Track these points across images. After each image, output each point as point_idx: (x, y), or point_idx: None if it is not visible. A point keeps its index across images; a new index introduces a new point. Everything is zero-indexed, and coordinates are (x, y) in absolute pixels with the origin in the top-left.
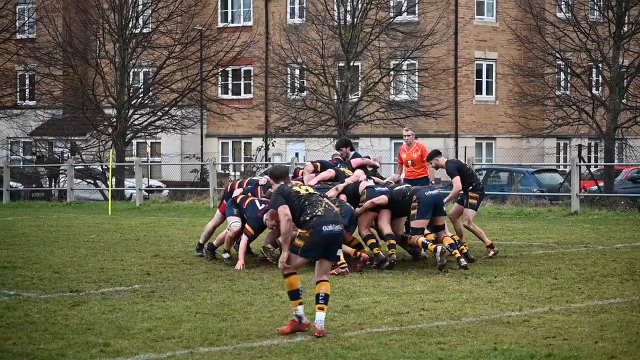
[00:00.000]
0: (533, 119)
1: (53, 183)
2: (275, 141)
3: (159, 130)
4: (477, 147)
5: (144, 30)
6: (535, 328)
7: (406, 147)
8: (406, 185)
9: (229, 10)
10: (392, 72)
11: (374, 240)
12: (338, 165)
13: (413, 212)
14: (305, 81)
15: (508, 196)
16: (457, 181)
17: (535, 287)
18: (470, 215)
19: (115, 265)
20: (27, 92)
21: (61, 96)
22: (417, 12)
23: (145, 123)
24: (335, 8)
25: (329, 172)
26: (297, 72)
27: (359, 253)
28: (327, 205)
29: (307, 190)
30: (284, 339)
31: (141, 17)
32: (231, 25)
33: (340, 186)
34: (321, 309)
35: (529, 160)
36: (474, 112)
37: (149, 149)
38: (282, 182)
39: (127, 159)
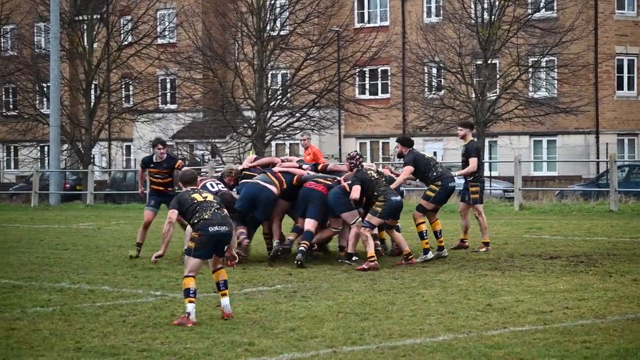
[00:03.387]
0: None
1: None
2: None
3: (298, 131)
4: (619, 143)
5: (282, 33)
6: None
7: (304, 151)
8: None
9: (366, 10)
10: (530, 69)
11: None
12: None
13: (430, 193)
14: (442, 80)
15: None
16: (473, 161)
17: None
18: (480, 208)
19: (258, 265)
20: (168, 96)
21: (201, 99)
22: (555, 7)
23: (284, 124)
24: (472, 6)
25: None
26: (434, 70)
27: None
28: (216, 210)
29: (205, 197)
30: (426, 338)
31: (279, 19)
32: (368, 25)
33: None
34: (224, 294)
35: None
36: (615, 108)
37: (287, 150)
38: (190, 187)
39: None
